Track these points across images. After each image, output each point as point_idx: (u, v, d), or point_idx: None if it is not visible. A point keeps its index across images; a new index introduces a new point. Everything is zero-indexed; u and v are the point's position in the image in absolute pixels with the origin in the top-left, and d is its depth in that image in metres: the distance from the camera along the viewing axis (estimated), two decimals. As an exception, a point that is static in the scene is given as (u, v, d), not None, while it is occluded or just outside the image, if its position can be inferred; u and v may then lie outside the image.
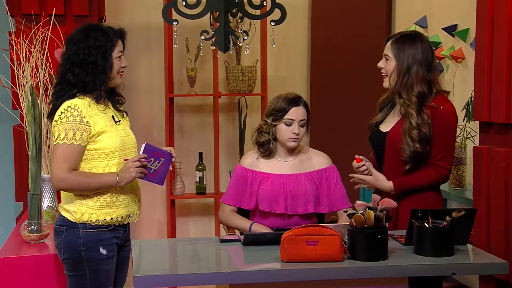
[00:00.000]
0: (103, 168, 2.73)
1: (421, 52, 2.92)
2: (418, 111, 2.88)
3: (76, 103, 2.71)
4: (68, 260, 2.76)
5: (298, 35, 4.98)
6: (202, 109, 4.88)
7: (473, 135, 3.76)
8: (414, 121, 2.87)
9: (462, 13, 4.10)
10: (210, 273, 2.49)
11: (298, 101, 3.09)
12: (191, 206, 4.94)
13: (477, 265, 2.63)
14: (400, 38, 2.97)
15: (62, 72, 2.77)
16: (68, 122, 2.68)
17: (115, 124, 2.80)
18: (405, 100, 2.91)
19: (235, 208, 3.16)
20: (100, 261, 2.74)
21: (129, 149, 2.82)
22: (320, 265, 2.43)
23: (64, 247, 2.75)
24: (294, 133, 3.06)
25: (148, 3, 4.73)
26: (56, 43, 3.71)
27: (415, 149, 2.86)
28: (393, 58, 2.96)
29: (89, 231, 2.73)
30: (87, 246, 2.72)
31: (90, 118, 2.71)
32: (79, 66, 2.72)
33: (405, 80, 2.92)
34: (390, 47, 2.98)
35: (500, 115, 2.83)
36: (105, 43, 2.73)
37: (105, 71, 2.74)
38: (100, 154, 2.73)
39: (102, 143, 2.72)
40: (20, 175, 4.10)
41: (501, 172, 2.82)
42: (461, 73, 4.07)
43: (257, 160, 3.16)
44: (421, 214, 2.60)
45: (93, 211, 2.73)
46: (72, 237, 2.73)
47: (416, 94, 2.90)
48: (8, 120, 4.24)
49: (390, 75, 2.97)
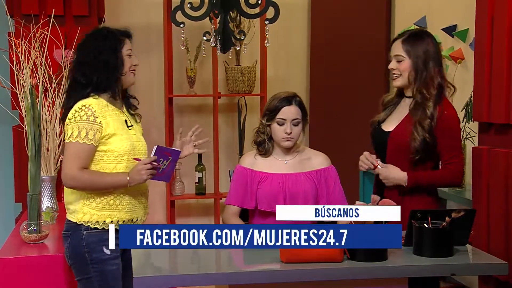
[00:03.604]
0: (111, 170, 2.76)
1: (432, 47, 2.97)
2: (435, 104, 2.91)
3: (90, 102, 2.73)
4: (74, 265, 2.79)
5: (297, 35, 4.98)
6: (202, 109, 4.88)
7: (472, 136, 3.76)
8: (429, 112, 2.90)
9: (461, 14, 4.10)
10: (210, 273, 2.48)
11: (291, 100, 3.08)
12: (190, 206, 4.94)
13: (476, 265, 2.62)
14: (409, 37, 2.98)
15: (74, 75, 2.79)
16: (81, 121, 2.70)
17: (127, 129, 2.82)
18: (425, 94, 2.93)
19: (239, 209, 3.14)
20: (105, 261, 2.75)
21: (139, 155, 2.83)
22: (320, 266, 2.42)
23: (70, 252, 2.79)
24: (286, 132, 3.06)
25: (147, 4, 4.74)
26: (55, 44, 3.71)
27: (425, 138, 2.88)
28: (406, 57, 2.96)
29: (91, 232, 2.74)
30: (90, 247, 2.74)
31: (103, 118, 2.73)
32: (90, 67, 2.74)
33: (424, 76, 2.94)
34: (401, 47, 2.98)
35: (500, 116, 2.83)
36: (114, 42, 2.76)
37: (117, 68, 2.76)
38: (109, 156, 2.75)
39: (112, 145, 2.75)
40: (20, 176, 4.10)
41: (500, 172, 2.82)
42: (460, 74, 4.07)
43: (256, 160, 3.15)
44: (420, 215, 2.60)
45: (95, 212, 2.74)
46: (76, 240, 2.76)
47: (436, 86, 2.94)
48: (7, 121, 4.24)
49: (406, 74, 2.97)
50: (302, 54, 5.00)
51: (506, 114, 2.79)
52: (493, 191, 2.87)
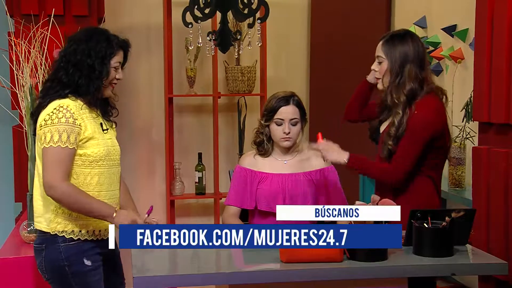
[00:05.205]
0: (85, 176, 2.61)
1: (413, 49, 2.87)
2: (404, 110, 2.84)
3: (68, 103, 2.58)
4: (53, 279, 2.65)
5: (297, 35, 4.98)
6: (202, 109, 4.88)
7: (472, 136, 3.76)
8: (397, 120, 2.83)
9: (461, 14, 4.10)
10: (210, 273, 2.49)
11: (289, 100, 3.06)
12: (190, 206, 4.94)
13: (476, 265, 2.62)
14: (390, 38, 2.93)
15: (56, 69, 2.65)
16: (60, 123, 2.54)
17: (103, 132, 2.68)
18: (395, 99, 2.86)
19: (238, 209, 3.14)
20: (87, 272, 2.62)
21: (114, 160, 2.71)
22: (320, 266, 2.43)
23: (47, 266, 2.63)
24: (284, 132, 3.05)
25: (147, 4, 4.73)
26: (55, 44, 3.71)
27: (388, 146, 2.84)
28: (385, 58, 2.91)
29: (69, 244, 2.61)
30: (70, 260, 2.60)
31: (81, 121, 2.59)
32: (74, 66, 2.60)
33: (398, 80, 2.87)
34: (381, 48, 2.93)
35: (500, 116, 2.83)
36: (105, 49, 2.62)
37: (101, 77, 2.62)
38: (84, 161, 2.61)
39: (88, 150, 2.61)
40: (19, 176, 4.09)
41: (500, 172, 2.82)
42: (460, 74, 4.07)
43: (256, 160, 3.15)
44: (420, 215, 2.60)
45: (69, 222, 2.61)
46: (53, 254, 2.61)
47: (406, 93, 2.85)
48: (7, 121, 4.24)
49: (383, 76, 2.93)
50: (302, 54, 5.00)
51: (506, 114, 2.79)
52: (493, 191, 2.87)
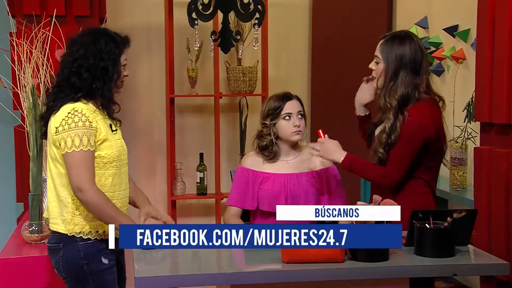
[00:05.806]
0: (99, 177, 2.62)
1: (409, 53, 2.83)
2: (395, 116, 2.81)
3: (81, 107, 2.59)
4: (70, 278, 2.65)
5: (298, 36, 4.98)
6: (203, 109, 4.88)
7: (474, 136, 3.76)
8: (388, 126, 2.81)
9: (463, 14, 4.10)
10: (211, 273, 2.49)
11: (291, 96, 3.12)
12: (192, 206, 4.94)
13: (478, 266, 2.62)
14: (389, 39, 2.89)
15: (66, 74, 2.63)
16: (78, 127, 2.55)
17: (112, 133, 2.70)
18: (387, 103, 2.84)
19: (239, 210, 3.14)
20: (104, 271, 2.65)
21: (123, 160, 2.74)
22: (321, 266, 2.42)
23: (64, 265, 2.64)
24: (295, 125, 3.06)
25: (149, 4, 4.74)
26: (57, 44, 3.71)
27: (377, 154, 2.82)
28: (382, 60, 2.88)
29: (88, 243, 2.62)
30: (89, 259, 2.62)
31: (96, 123, 2.59)
32: (88, 70, 2.60)
33: (391, 84, 2.85)
34: (379, 48, 2.90)
35: (501, 116, 2.83)
36: (114, 49, 2.63)
37: (114, 78, 2.63)
38: (99, 163, 2.62)
39: (102, 152, 2.62)
40: (21, 176, 4.09)
41: (502, 173, 2.82)
42: (462, 74, 4.06)
43: (258, 160, 3.15)
44: (422, 215, 2.59)
45: (86, 223, 2.62)
46: (72, 253, 2.62)
47: (397, 98, 2.81)
48: (9, 121, 4.24)
49: (379, 77, 2.90)
50: (303, 54, 4.99)
51: (508, 115, 2.79)
52: (495, 191, 2.87)
